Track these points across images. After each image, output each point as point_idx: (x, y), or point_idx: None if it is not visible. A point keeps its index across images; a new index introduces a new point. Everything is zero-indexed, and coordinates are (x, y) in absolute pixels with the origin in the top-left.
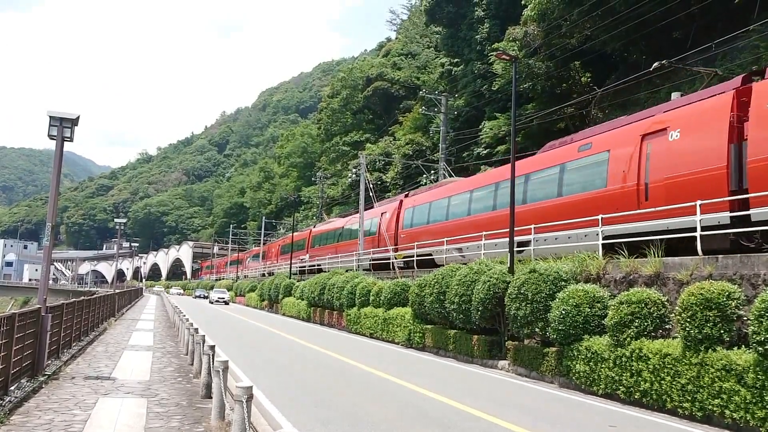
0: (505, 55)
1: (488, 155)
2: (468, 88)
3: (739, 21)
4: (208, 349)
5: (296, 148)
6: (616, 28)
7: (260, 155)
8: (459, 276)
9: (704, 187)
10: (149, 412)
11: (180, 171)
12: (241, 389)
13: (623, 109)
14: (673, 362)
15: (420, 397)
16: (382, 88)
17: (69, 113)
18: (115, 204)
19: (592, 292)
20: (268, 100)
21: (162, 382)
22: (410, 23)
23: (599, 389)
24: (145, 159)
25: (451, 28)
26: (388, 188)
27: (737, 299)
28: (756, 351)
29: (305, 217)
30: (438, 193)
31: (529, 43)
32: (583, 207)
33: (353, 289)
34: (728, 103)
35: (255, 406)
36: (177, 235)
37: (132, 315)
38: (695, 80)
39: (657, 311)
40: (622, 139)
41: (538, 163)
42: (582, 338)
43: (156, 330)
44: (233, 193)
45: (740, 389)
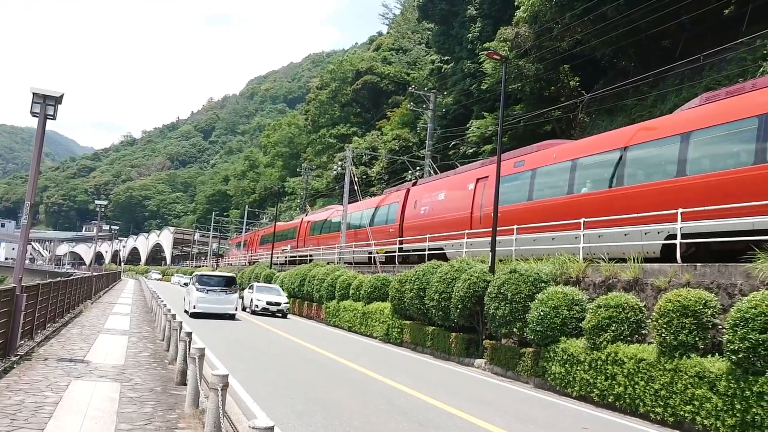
0: (495, 55)
1: (474, 154)
2: (457, 86)
3: (729, 33)
4: (185, 336)
5: (282, 138)
6: (606, 34)
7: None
8: (440, 273)
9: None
10: (122, 396)
11: (164, 156)
12: (216, 377)
13: (610, 114)
14: (648, 367)
15: (396, 393)
16: (372, 82)
17: (53, 91)
18: (96, 186)
19: (571, 294)
20: (256, 88)
21: (137, 367)
22: (402, 18)
23: (574, 391)
24: (129, 142)
25: (443, 25)
26: (373, 183)
27: (713, 307)
28: (729, 359)
29: (288, 208)
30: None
31: (519, 44)
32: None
33: (333, 282)
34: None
35: (229, 395)
36: (158, 220)
37: (109, 298)
38: (682, 89)
39: (634, 316)
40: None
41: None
42: (559, 340)
43: (133, 314)
44: (217, 180)
45: (712, 396)
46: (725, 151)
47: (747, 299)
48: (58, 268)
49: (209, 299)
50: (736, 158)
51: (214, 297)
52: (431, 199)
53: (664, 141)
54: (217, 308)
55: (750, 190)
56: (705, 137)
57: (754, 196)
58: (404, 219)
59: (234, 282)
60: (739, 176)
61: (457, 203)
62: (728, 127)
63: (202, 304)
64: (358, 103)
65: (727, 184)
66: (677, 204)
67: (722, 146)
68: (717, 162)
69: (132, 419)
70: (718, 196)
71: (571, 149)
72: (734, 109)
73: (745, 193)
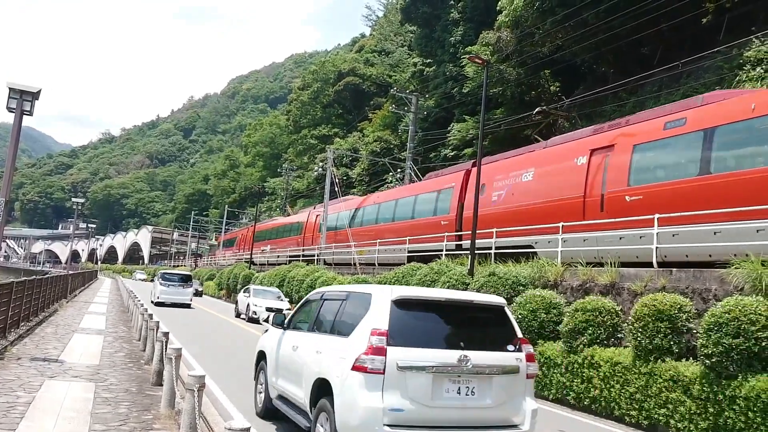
0: (477, 59)
1: (455, 157)
2: (439, 90)
3: (706, 42)
4: (162, 336)
5: (263, 138)
6: (586, 40)
7: (226, 143)
8: (419, 275)
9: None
10: (97, 397)
11: (143, 154)
12: (193, 378)
13: (589, 119)
14: (623, 371)
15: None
16: (354, 84)
17: (30, 86)
18: (73, 183)
19: (549, 297)
20: (238, 88)
21: (112, 367)
22: (385, 20)
23: (550, 394)
24: (107, 139)
25: (426, 28)
26: (354, 184)
27: (688, 312)
28: (703, 363)
29: (269, 209)
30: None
31: (501, 48)
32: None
33: (312, 283)
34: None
35: (206, 395)
36: (136, 218)
37: (85, 297)
38: (660, 96)
39: (610, 320)
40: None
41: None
42: (536, 343)
43: (109, 314)
44: (197, 179)
45: (686, 400)
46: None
47: (721, 304)
48: (34, 266)
49: (169, 291)
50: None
51: (173, 290)
52: (509, 181)
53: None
54: (175, 298)
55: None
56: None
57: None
58: (464, 208)
59: (190, 279)
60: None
61: (557, 185)
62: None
63: (164, 295)
64: (340, 104)
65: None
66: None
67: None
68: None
69: (106, 420)
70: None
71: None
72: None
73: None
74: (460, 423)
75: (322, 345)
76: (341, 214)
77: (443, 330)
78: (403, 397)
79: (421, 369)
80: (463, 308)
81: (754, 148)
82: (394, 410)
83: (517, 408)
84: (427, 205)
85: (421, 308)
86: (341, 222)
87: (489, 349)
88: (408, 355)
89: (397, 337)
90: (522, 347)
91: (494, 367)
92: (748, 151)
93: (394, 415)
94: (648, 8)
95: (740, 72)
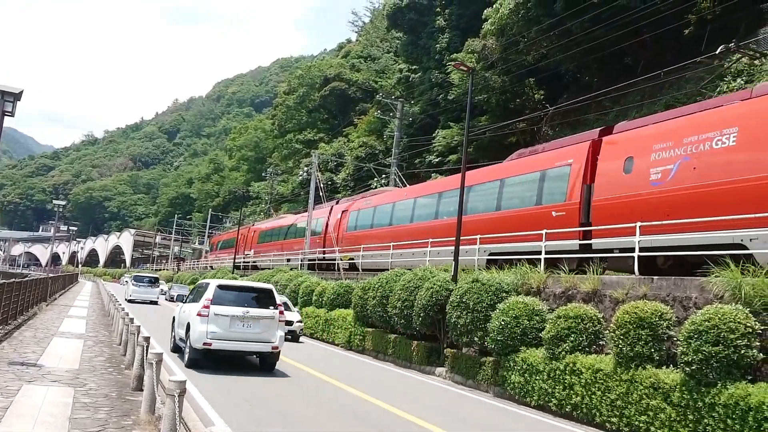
0: (462, 66)
1: (440, 163)
2: (424, 96)
3: (688, 53)
4: (143, 341)
5: (248, 142)
6: (570, 50)
7: (211, 146)
8: (403, 281)
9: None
10: (76, 402)
11: (126, 156)
12: (174, 383)
13: (573, 127)
14: (605, 378)
15: (356, 400)
16: (340, 89)
17: (12, 87)
18: (55, 185)
19: (531, 304)
20: (223, 91)
21: (91, 372)
22: (372, 26)
23: (532, 400)
24: (90, 141)
25: (412, 34)
26: (339, 189)
27: (669, 320)
28: (683, 371)
29: (253, 213)
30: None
31: (486, 56)
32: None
33: (296, 288)
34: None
35: (186, 401)
36: (118, 221)
37: (65, 301)
38: (642, 106)
39: (592, 327)
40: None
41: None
42: (519, 350)
43: (89, 317)
44: (180, 182)
45: (666, 407)
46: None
47: (701, 312)
48: (13, 268)
49: (139, 291)
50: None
51: (143, 289)
52: (684, 149)
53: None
54: (144, 297)
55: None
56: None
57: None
58: (595, 192)
59: (157, 280)
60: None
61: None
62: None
63: (135, 294)
64: (326, 109)
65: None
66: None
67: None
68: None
69: (85, 425)
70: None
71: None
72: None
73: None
74: (242, 339)
75: (190, 307)
76: (380, 208)
77: (238, 298)
78: (216, 327)
79: (225, 316)
80: (250, 289)
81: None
82: (212, 332)
83: (273, 334)
84: (523, 193)
85: (229, 289)
86: (379, 219)
87: (259, 307)
88: (219, 310)
89: (216, 301)
90: (277, 307)
91: (261, 316)
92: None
93: (212, 334)
94: (631, 19)
95: (721, 83)
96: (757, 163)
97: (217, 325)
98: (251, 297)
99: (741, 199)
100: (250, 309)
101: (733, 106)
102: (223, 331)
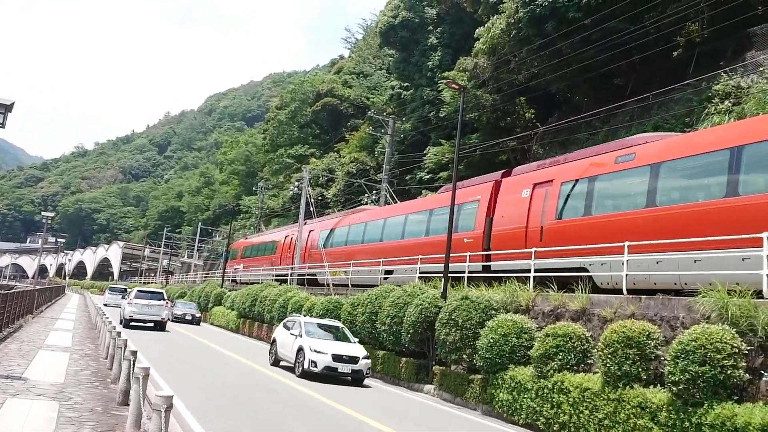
0: (454, 84)
1: (430, 180)
2: (415, 113)
3: (677, 75)
4: (130, 355)
5: (239, 156)
6: (561, 69)
7: (202, 160)
8: (392, 298)
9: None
10: (60, 416)
11: (117, 169)
12: (161, 398)
13: (563, 147)
14: (593, 396)
15: (342, 415)
16: (332, 105)
17: (3, 99)
18: (44, 197)
19: (520, 322)
20: (215, 105)
21: (77, 386)
22: (364, 43)
23: (520, 419)
24: (80, 153)
25: (404, 52)
26: (329, 204)
27: (656, 339)
28: (670, 390)
29: (242, 227)
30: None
31: (478, 74)
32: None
33: (285, 303)
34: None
35: (173, 416)
36: (107, 234)
37: (51, 313)
38: (632, 126)
39: (580, 346)
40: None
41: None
42: (507, 367)
43: (76, 330)
44: (170, 195)
45: (653, 427)
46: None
47: (688, 332)
48: None
49: (114, 299)
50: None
51: (116, 297)
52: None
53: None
54: (116, 302)
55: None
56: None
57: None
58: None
59: (125, 290)
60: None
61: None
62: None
63: (108, 301)
64: (318, 124)
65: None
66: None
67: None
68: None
69: None
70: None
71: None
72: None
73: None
74: (145, 315)
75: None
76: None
77: (148, 296)
78: (134, 309)
79: (138, 304)
80: (152, 291)
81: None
82: (131, 312)
83: (161, 312)
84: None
85: (142, 294)
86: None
87: (155, 300)
88: (135, 301)
89: (110, 291)
90: (165, 298)
91: (154, 303)
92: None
93: (131, 315)
94: (621, 41)
95: (709, 105)
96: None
97: (133, 308)
98: (153, 295)
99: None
100: (149, 301)
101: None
102: (137, 310)
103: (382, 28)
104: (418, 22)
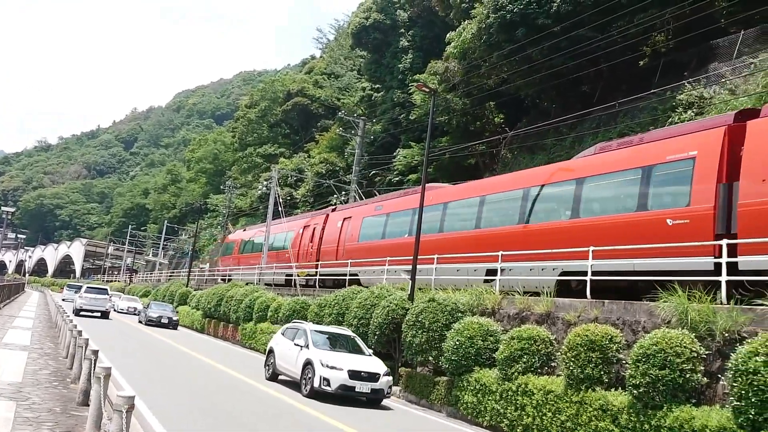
0: (425, 87)
1: (399, 182)
2: (386, 115)
3: (643, 83)
4: (90, 354)
5: (207, 154)
6: (530, 75)
7: (169, 157)
8: (360, 299)
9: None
10: (17, 417)
11: (81, 164)
12: (122, 398)
13: (531, 151)
14: (555, 399)
15: (309, 417)
16: (302, 105)
17: None
18: (4, 191)
19: (486, 325)
20: (184, 102)
21: (35, 386)
22: (336, 44)
23: (484, 420)
24: (43, 147)
25: (376, 54)
26: (298, 204)
27: (618, 343)
28: (631, 393)
29: (210, 225)
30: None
31: (449, 78)
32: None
33: (251, 303)
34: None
35: (134, 416)
36: (70, 230)
37: (10, 311)
38: (598, 133)
39: (545, 349)
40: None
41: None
42: (473, 370)
43: (35, 329)
44: (136, 192)
45: (614, 429)
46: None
47: (649, 336)
48: None
49: (71, 295)
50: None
51: (72, 294)
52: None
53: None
54: (72, 298)
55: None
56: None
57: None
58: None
59: (81, 287)
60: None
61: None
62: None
63: (66, 297)
64: (288, 124)
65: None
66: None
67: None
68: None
69: None
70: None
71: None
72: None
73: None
74: (92, 306)
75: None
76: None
77: (95, 291)
78: (83, 301)
79: (87, 297)
80: (99, 288)
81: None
82: (81, 304)
83: (105, 304)
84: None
85: (90, 289)
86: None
87: (100, 294)
88: (85, 295)
89: (68, 288)
90: (109, 293)
91: (100, 296)
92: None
93: (81, 306)
94: (588, 49)
95: (673, 114)
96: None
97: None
98: (99, 292)
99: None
100: (96, 295)
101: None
102: (86, 303)
103: (354, 29)
104: (390, 24)
